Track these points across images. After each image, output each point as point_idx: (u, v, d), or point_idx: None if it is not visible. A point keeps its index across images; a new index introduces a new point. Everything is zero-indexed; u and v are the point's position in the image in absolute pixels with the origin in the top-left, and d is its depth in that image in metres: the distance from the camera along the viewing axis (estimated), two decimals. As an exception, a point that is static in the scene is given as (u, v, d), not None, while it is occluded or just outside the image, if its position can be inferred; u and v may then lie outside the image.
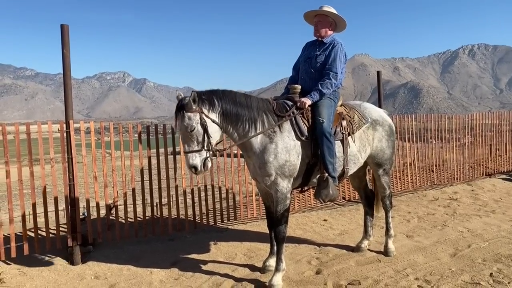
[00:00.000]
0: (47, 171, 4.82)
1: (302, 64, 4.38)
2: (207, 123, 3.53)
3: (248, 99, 3.83)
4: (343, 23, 4.31)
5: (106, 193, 5.19)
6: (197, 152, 3.52)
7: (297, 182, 4.07)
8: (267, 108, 3.89)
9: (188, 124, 3.47)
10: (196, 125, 3.48)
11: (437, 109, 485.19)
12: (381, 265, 4.47)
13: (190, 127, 3.47)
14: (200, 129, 3.50)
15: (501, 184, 8.93)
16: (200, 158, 3.52)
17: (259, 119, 3.78)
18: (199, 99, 3.54)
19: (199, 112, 3.51)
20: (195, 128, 3.48)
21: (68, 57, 4.70)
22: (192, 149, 3.52)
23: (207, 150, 3.55)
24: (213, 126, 3.59)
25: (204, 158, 3.54)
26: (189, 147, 3.53)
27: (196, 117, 3.49)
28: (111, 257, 4.83)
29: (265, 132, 3.79)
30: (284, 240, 3.99)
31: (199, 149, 3.52)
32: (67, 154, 4.77)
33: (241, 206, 6.35)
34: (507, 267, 4.31)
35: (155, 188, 5.52)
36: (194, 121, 3.48)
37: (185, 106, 3.47)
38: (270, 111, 3.88)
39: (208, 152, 3.57)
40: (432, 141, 9.03)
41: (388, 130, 4.65)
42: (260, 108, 3.83)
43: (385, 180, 4.74)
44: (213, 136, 3.59)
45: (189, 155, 3.52)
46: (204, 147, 3.53)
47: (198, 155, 3.52)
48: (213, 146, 3.60)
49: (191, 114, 3.47)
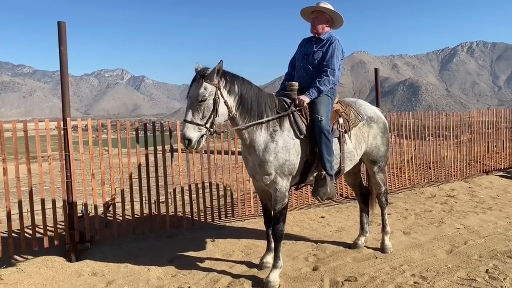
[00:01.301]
0: (44, 168, 4.83)
1: (299, 60, 4.36)
2: (220, 102, 3.46)
3: (260, 92, 3.83)
4: (340, 19, 4.31)
5: (104, 190, 5.20)
6: (197, 125, 3.40)
7: (294, 180, 4.07)
8: (272, 105, 3.88)
9: (202, 93, 3.38)
10: (209, 97, 3.40)
11: (435, 106, 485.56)
12: (378, 262, 4.49)
13: (202, 96, 3.38)
14: (211, 103, 3.42)
15: (498, 181, 8.96)
16: (198, 134, 3.40)
17: (265, 115, 3.78)
18: (222, 76, 3.50)
19: (217, 87, 3.45)
20: (206, 100, 3.39)
21: (65, 54, 4.70)
22: (194, 121, 3.40)
23: (207, 128, 3.44)
24: (223, 107, 3.52)
25: (201, 135, 3.42)
26: (192, 117, 3.40)
27: (212, 89, 3.42)
28: (108, 254, 4.84)
29: (267, 127, 3.78)
30: (282, 237, 4.00)
31: (201, 123, 3.40)
32: (65, 152, 4.77)
33: (238, 203, 6.36)
34: (503, 263, 4.33)
35: (153, 186, 5.53)
36: (208, 93, 3.40)
37: (206, 75, 3.40)
38: (273, 108, 3.87)
39: (208, 131, 3.46)
40: (430, 138, 9.05)
41: (382, 127, 4.66)
42: (267, 104, 3.83)
43: (380, 177, 4.75)
44: (220, 116, 3.50)
45: (189, 125, 3.38)
46: (207, 124, 3.43)
47: (198, 129, 3.40)
48: (214, 126, 3.50)
49: (208, 84, 3.40)
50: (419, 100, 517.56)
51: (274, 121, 3.83)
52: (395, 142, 8.43)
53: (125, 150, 5.29)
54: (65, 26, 4.68)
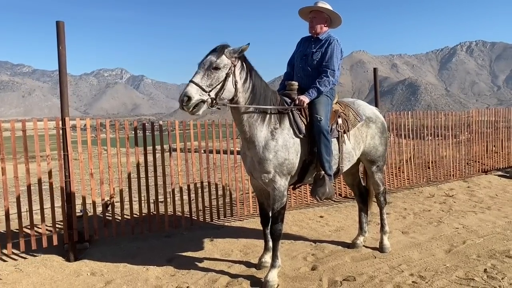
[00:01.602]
0: (43, 168, 4.82)
1: (297, 61, 4.36)
2: (229, 78, 3.46)
3: (267, 87, 3.85)
4: (338, 19, 4.31)
5: (103, 190, 5.20)
6: (202, 90, 3.35)
7: (292, 179, 4.07)
8: (276, 100, 3.89)
9: (218, 62, 3.39)
10: (223, 68, 3.42)
11: (435, 106, 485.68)
12: (376, 261, 4.50)
13: (217, 65, 3.39)
14: (222, 75, 3.42)
15: (497, 180, 8.97)
16: (199, 97, 3.33)
17: (268, 110, 3.79)
18: (242, 58, 3.56)
19: (233, 64, 3.48)
20: (219, 70, 3.40)
21: (64, 54, 4.70)
22: (200, 84, 3.35)
23: (210, 96, 3.39)
24: (231, 85, 3.51)
25: (202, 101, 3.35)
26: (199, 80, 3.36)
27: (228, 63, 3.45)
28: (107, 253, 4.85)
29: (268, 124, 3.78)
30: (280, 237, 4.00)
31: (206, 89, 3.36)
32: (63, 151, 4.77)
33: (237, 203, 6.36)
34: (501, 263, 4.34)
35: (152, 185, 5.53)
36: (223, 64, 3.42)
37: (226, 49, 3.44)
38: (276, 104, 3.87)
39: (210, 99, 3.40)
40: (429, 138, 9.05)
41: (380, 127, 4.67)
42: (272, 100, 3.83)
43: (378, 177, 4.76)
44: (224, 93, 3.48)
45: (193, 85, 3.33)
46: (211, 93, 3.39)
47: (201, 93, 3.35)
48: (217, 99, 3.45)
49: (226, 58, 3.44)
50: (418, 100, 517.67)
51: (275, 119, 3.83)
52: (394, 142, 8.44)
53: (124, 149, 5.29)
54: (64, 26, 4.68)
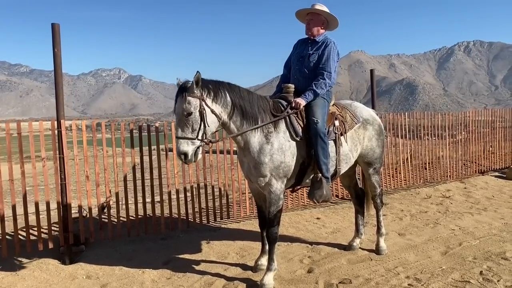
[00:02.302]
0: (38, 170, 4.80)
1: (294, 63, 4.35)
2: (206, 112, 3.45)
3: (251, 95, 3.81)
4: (335, 21, 4.30)
5: (98, 192, 5.18)
6: (190, 139, 3.42)
7: (290, 182, 4.07)
8: (265, 107, 3.87)
9: (186, 108, 3.38)
10: (194, 110, 3.40)
11: (432, 105, 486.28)
12: (373, 264, 4.49)
13: (188, 111, 3.39)
14: (197, 116, 3.42)
15: (494, 181, 8.98)
16: (192, 147, 3.42)
17: (259, 117, 3.77)
18: (204, 86, 3.48)
19: (200, 98, 3.43)
20: (192, 114, 3.40)
21: (59, 56, 4.69)
22: (185, 136, 3.42)
23: (200, 140, 3.46)
24: (211, 116, 3.51)
25: (196, 147, 3.45)
26: (182, 133, 3.43)
27: (196, 102, 3.41)
28: (103, 256, 4.83)
29: (262, 129, 3.76)
30: (276, 240, 3.99)
31: (192, 137, 3.42)
32: (59, 154, 4.75)
33: (234, 205, 6.35)
34: (497, 265, 4.34)
35: (148, 187, 5.51)
36: (193, 106, 3.40)
37: (187, 89, 3.40)
38: (267, 110, 3.86)
39: (202, 142, 3.47)
40: (426, 138, 9.05)
41: (378, 129, 4.66)
42: (260, 106, 3.81)
43: (375, 179, 4.75)
44: (210, 126, 3.51)
45: (181, 141, 3.41)
46: (198, 136, 3.44)
47: (191, 143, 3.42)
48: (207, 136, 3.51)
49: (191, 98, 3.40)
50: (416, 100, 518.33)
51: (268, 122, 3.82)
52: (391, 143, 8.44)
53: (120, 149, 5.26)
54: (59, 28, 4.66)
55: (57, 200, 4.86)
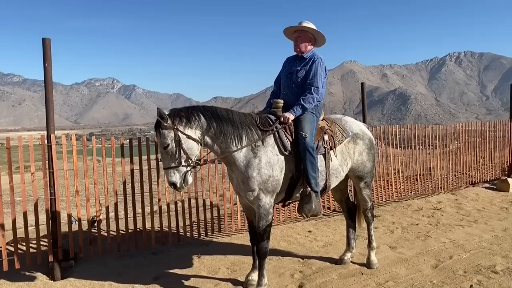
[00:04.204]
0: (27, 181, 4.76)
1: (283, 79, 4.41)
2: (182, 140, 3.55)
3: (230, 113, 3.85)
4: (322, 38, 4.36)
5: (88, 206, 5.14)
6: (174, 168, 3.55)
7: (280, 196, 4.08)
8: (251, 122, 3.90)
9: (163, 141, 3.53)
10: (170, 142, 3.52)
11: (425, 115, 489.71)
12: (364, 278, 4.49)
13: (164, 143, 3.52)
14: (174, 145, 3.53)
15: (484, 193, 9.04)
16: (179, 175, 3.55)
17: (243, 133, 3.79)
18: (175, 116, 3.57)
19: (174, 128, 3.53)
20: (169, 145, 3.52)
21: (49, 71, 4.67)
22: (169, 165, 3.56)
23: (185, 165, 3.56)
24: (189, 142, 3.60)
25: (184, 173, 3.56)
26: (166, 164, 3.57)
27: (170, 134, 3.53)
28: (92, 272, 4.78)
29: (248, 146, 3.80)
30: (266, 255, 3.98)
31: (176, 165, 3.55)
32: (48, 169, 4.72)
33: (225, 218, 6.33)
34: (487, 278, 4.36)
35: (138, 201, 5.48)
36: (168, 138, 3.52)
37: (160, 123, 3.52)
38: (253, 125, 3.90)
39: (187, 167, 3.58)
40: (418, 148, 9.07)
41: (368, 144, 4.69)
42: (243, 122, 3.84)
43: (366, 193, 4.77)
44: (190, 152, 3.60)
45: (168, 171, 3.56)
46: (182, 163, 3.55)
47: (176, 171, 3.55)
48: (193, 161, 3.61)
49: (165, 131, 3.52)
50: (409, 110, 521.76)
51: (255, 138, 3.84)
52: (382, 155, 8.47)
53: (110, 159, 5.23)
54: (50, 43, 4.65)
55: (46, 215, 4.81)
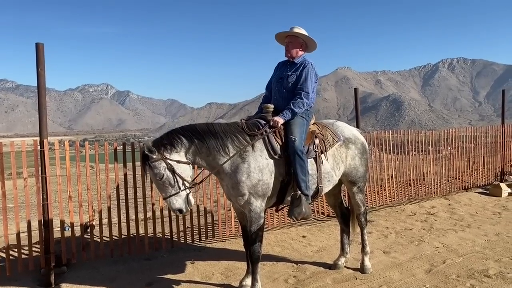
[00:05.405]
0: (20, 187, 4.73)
1: (274, 84, 4.44)
2: (174, 166, 3.56)
3: (211, 126, 3.86)
4: (313, 43, 4.41)
5: (81, 212, 5.11)
6: (175, 195, 3.55)
7: (271, 200, 4.08)
8: (236, 129, 3.91)
9: (156, 173, 3.52)
10: (164, 171, 3.53)
11: (418, 121, 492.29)
12: (357, 283, 4.50)
13: (159, 175, 3.51)
14: (169, 174, 3.54)
15: (477, 198, 9.09)
16: (181, 200, 3.58)
17: (228, 142, 3.80)
18: (160, 145, 3.58)
19: (162, 159, 3.53)
20: (164, 175, 3.53)
21: (43, 76, 4.66)
22: (170, 194, 3.56)
23: (183, 189, 3.59)
24: (181, 166, 3.62)
25: (186, 197, 3.60)
26: (166, 194, 3.58)
27: (161, 164, 3.53)
28: (85, 278, 4.75)
29: (235, 150, 3.80)
30: (259, 259, 3.98)
31: (176, 192, 3.56)
32: (41, 174, 4.70)
33: (219, 223, 6.32)
34: (480, 282, 4.38)
35: (132, 206, 5.46)
36: (161, 169, 3.52)
37: (148, 157, 3.50)
38: (239, 132, 3.90)
39: (186, 189, 3.61)
40: (412, 153, 9.12)
41: (361, 148, 4.71)
42: (227, 131, 3.85)
43: (359, 197, 4.79)
44: (184, 174, 3.62)
45: (169, 199, 3.57)
46: (180, 188, 3.57)
47: (178, 197, 3.57)
48: (189, 183, 3.64)
49: (155, 163, 3.52)
50: (402, 115, 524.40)
51: (243, 144, 3.85)
52: (376, 160, 8.51)
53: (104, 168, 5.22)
54: (43, 48, 4.65)
55: (38, 220, 4.78)
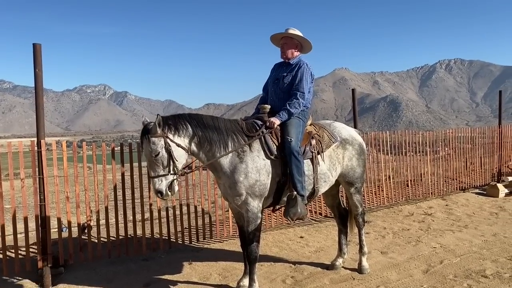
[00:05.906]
0: (17, 188, 4.72)
1: (271, 85, 4.46)
2: (172, 148, 3.56)
3: (216, 120, 3.88)
4: (308, 44, 4.43)
5: (78, 213, 5.11)
6: (163, 176, 3.54)
7: (268, 201, 4.09)
8: (236, 128, 3.94)
9: (153, 149, 3.50)
10: (161, 150, 3.52)
11: (416, 122, 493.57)
12: (355, 283, 4.50)
13: (155, 152, 3.50)
14: (164, 153, 3.53)
15: (474, 198, 9.12)
16: (166, 182, 3.55)
17: (229, 140, 3.81)
18: (164, 124, 3.57)
19: (164, 136, 3.54)
20: (159, 153, 3.51)
21: (40, 76, 4.66)
22: (158, 174, 3.55)
23: (173, 174, 3.57)
24: (179, 150, 3.62)
25: (170, 182, 3.57)
26: (154, 172, 3.56)
27: (160, 141, 3.52)
28: (83, 278, 4.74)
29: (234, 151, 3.82)
30: (256, 260, 3.98)
31: (165, 173, 3.55)
32: (38, 174, 4.69)
33: (217, 224, 6.31)
34: (477, 283, 4.40)
35: (129, 207, 5.45)
36: (158, 146, 3.51)
37: (150, 130, 3.51)
38: (239, 132, 3.92)
39: (175, 175, 3.59)
40: (409, 154, 9.14)
41: (358, 149, 4.71)
42: (229, 129, 3.87)
43: (357, 198, 4.80)
44: (179, 160, 3.62)
45: (155, 180, 3.54)
46: (170, 171, 3.56)
47: (164, 179, 3.55)
48: (179, 170, 3.63)
49: (155, 139, 3.51)
50: (400, 116, 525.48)
51: (241, 143, 3.86)
52: (373, 162, 8.53)
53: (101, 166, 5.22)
54: (41, 48, 4.64)
55: (36, 221, 4.77)
